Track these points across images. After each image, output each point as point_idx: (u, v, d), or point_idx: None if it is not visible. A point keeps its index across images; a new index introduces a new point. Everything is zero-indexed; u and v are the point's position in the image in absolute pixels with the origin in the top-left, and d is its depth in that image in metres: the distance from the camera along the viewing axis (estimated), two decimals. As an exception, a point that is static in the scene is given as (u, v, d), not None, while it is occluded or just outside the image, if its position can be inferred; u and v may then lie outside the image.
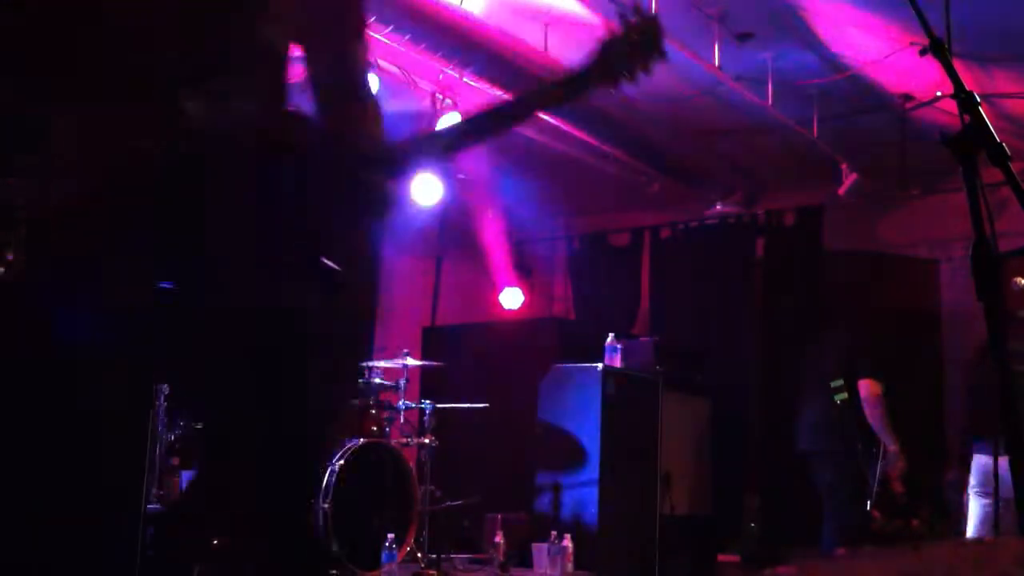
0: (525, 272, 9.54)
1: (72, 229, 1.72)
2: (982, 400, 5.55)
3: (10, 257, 1.69)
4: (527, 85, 6.70)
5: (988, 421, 5.33)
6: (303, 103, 2.08)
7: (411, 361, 6.56)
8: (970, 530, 5.45)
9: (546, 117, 7.01)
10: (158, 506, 5.18)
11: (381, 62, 6.41)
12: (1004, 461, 4.89)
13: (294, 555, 1.90)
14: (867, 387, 6.07)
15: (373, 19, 5.50)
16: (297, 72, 2.06)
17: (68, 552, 1.73)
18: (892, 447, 6.05)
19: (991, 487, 5.21)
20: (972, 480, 5.48)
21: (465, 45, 6.10)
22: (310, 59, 2.10)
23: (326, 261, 1.90)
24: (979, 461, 5.43)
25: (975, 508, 5.45)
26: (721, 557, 7.84)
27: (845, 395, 6.13)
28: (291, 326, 1.86)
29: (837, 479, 6.21)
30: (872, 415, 6.04)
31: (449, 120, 6.83)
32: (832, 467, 6.25)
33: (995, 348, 1.79)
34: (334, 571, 5.42)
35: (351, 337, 2.02)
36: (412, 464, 6.21)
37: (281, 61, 1.96)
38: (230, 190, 1.81)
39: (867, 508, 6.14)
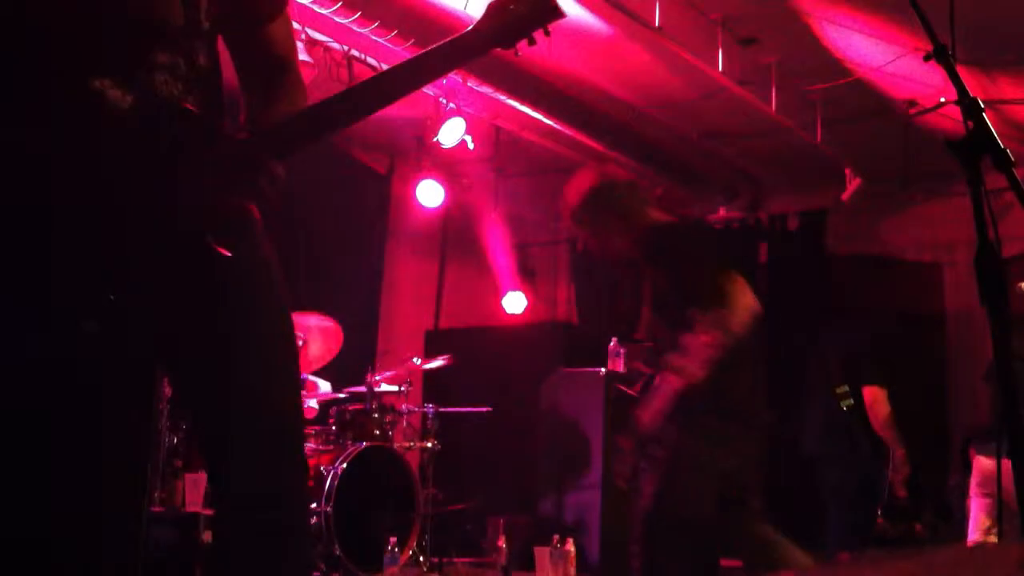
0: (528, 276, 9.54)
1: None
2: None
3: None
4: (527, 90, 6.72)
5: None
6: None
7: (415, 361, 6.57)
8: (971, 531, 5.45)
9: (548, 120, 7.02)
10: (161, 508, 5.19)
11: (384, 67, 6.42)
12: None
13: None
14: (872, 393, 6.07)
15: (376, 24, 5.52)
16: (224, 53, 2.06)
17: (71, 554, 1.73)
18: (897, 452, 6.05)
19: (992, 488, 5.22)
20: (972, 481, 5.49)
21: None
22: (231, 41, 2.10)
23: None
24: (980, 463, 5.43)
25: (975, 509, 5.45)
26: (724, 562, 7.82)
27: (851, 401, 6.13)
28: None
29: (843, 482, 6.21)
30: (877, 421, 6.04)
31: (452, 124, 6.83)
32: (838, 470, 6.24)
33: (998, 352, 1.79)
34: (336, 574, 5.43)
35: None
36: (415, 467, 6.21)
37: (202, 43, 1.95)
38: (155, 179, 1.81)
39: (875, 512, 6.14)
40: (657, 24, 5.86)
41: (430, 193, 7.77)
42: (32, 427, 1.75)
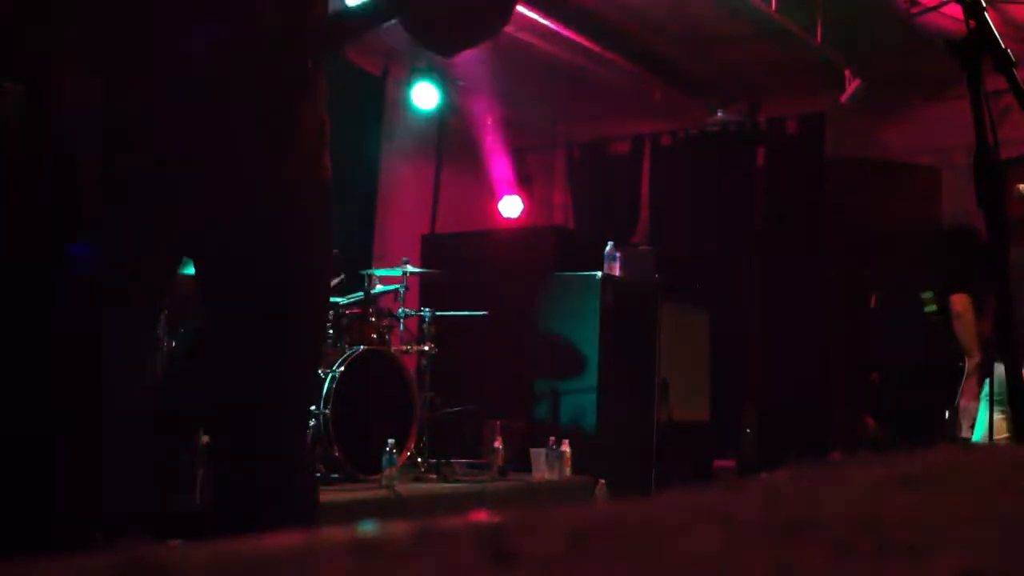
0: (524, 180, 9.50)
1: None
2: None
3: None
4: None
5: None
6: None
7: (410, 268, 6.57)
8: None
9: (545, 21, 6.93)
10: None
11: None
12: None
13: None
14: (961, 301, 6.06)
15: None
16: None
17: (70, 468, 1.75)
18: (973, 360, 6.06)
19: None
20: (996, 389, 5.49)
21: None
22: None
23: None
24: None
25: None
26: (718, 463, 7.95)
27: (935, 307, 6.13)
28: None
29: (928, 387, 6.21)
30: (962, 329, 6.04)
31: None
32: (921, 375, 6.24)
33: (995, 256, 1.79)
34: (335, 475, 5.50)
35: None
36: (412, 371, 6.25)
37: None
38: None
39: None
40: (656, -78, 5.75)
41: (425, 96, 7.70)
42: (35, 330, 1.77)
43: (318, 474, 5.42)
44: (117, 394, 1.80)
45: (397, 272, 6.53)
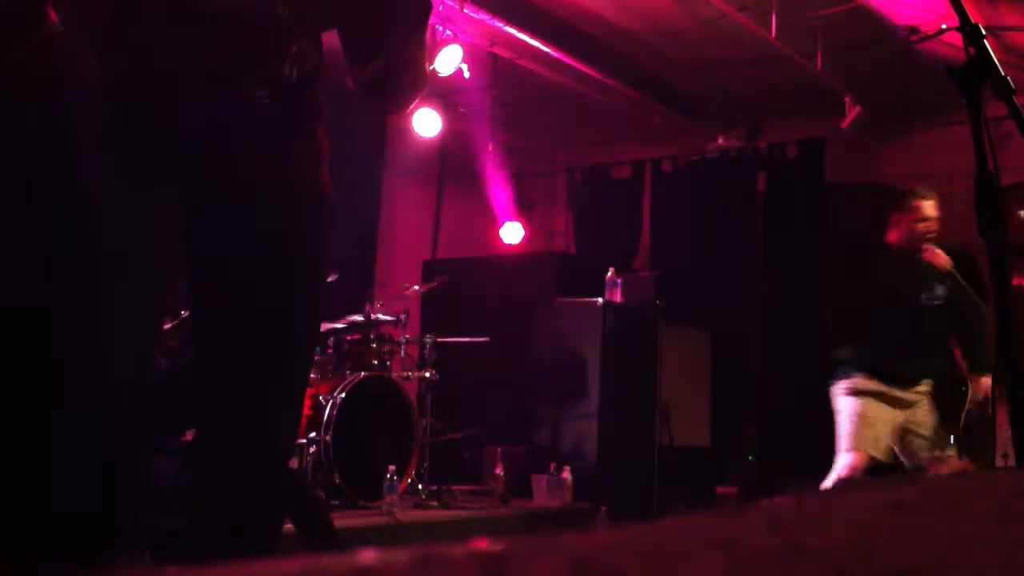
0: (526, 206, 9.51)
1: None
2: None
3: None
4: (525, 17, 6.65)
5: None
6: None
7: (414, 287, 6.58)
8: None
9: (546, 48, 6.96)
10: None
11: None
12: None
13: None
14: None
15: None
16: None
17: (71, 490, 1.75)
18: (983, 379, 6.06)
19: None
20: None
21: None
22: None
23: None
24: None
25: None
26: (719, 488, 7.92)
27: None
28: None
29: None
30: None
31: (449, 51, 6.76)
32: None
33: (996, 281, 1.79)
34: (336, 501, 5.48)
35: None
36: (413, 397, 6.24)
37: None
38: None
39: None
40: (656, -51, 5.78)
41: (427, 122, 7.72)
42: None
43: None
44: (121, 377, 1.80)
45: (399, 298, 6.54)
